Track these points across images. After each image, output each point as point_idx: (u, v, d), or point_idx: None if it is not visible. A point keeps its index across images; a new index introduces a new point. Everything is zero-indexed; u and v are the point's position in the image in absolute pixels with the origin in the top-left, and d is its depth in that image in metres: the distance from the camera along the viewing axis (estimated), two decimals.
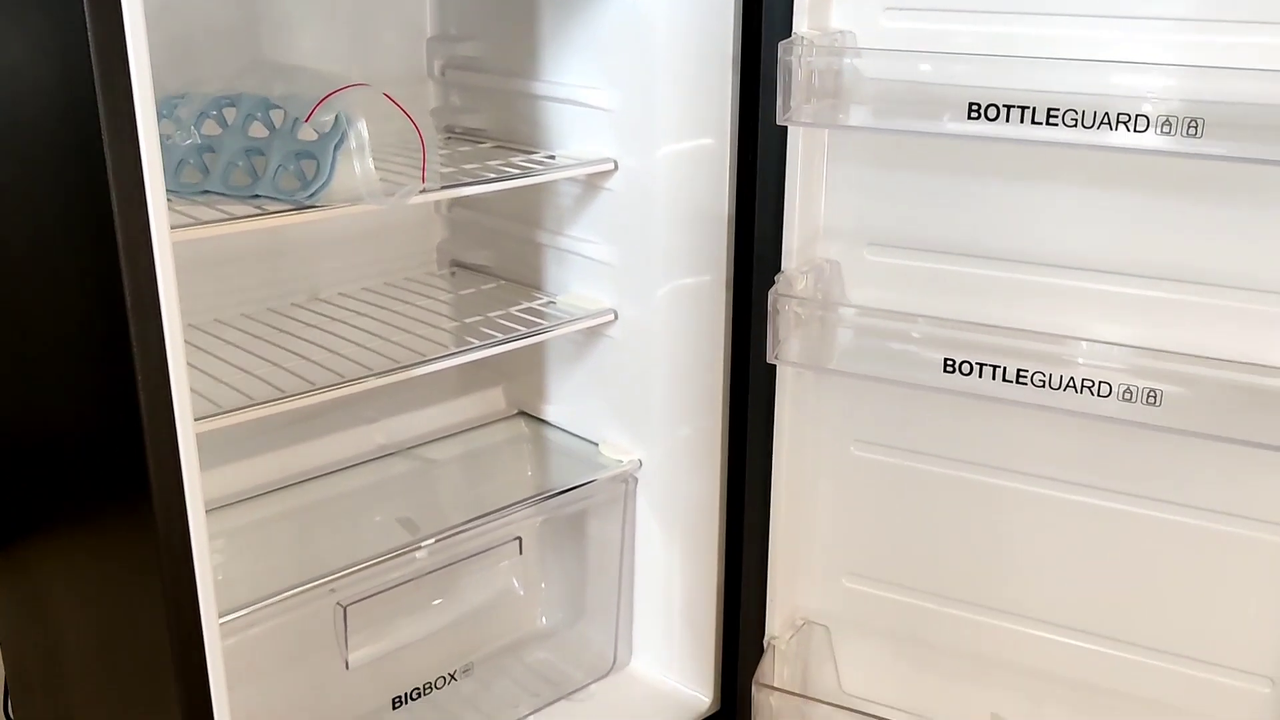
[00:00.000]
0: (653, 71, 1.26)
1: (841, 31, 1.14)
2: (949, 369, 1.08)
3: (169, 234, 0.87)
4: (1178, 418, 1.00)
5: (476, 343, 1.27)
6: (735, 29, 1.19)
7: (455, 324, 1.35)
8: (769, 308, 1.14)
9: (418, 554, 1.24)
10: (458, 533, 1.27)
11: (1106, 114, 0.95)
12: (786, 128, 1.14)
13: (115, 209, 0.84)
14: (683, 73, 1.24)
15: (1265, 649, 1.11)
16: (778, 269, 1.18)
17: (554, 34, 1.37)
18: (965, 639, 1.25)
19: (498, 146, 1.44)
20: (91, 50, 0.81)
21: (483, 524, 1.29)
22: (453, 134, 1.52)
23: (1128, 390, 1.01)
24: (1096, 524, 1.15)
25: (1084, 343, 1.04)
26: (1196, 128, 0.92)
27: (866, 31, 1.14)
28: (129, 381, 0.88)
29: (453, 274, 1.57)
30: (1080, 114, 0.96)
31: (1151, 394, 1.01)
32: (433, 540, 1.25)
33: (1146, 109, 0.93)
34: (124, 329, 0.87)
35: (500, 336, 1.29)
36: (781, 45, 1.08)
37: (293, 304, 1.41)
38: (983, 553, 1.22)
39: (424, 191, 1.16)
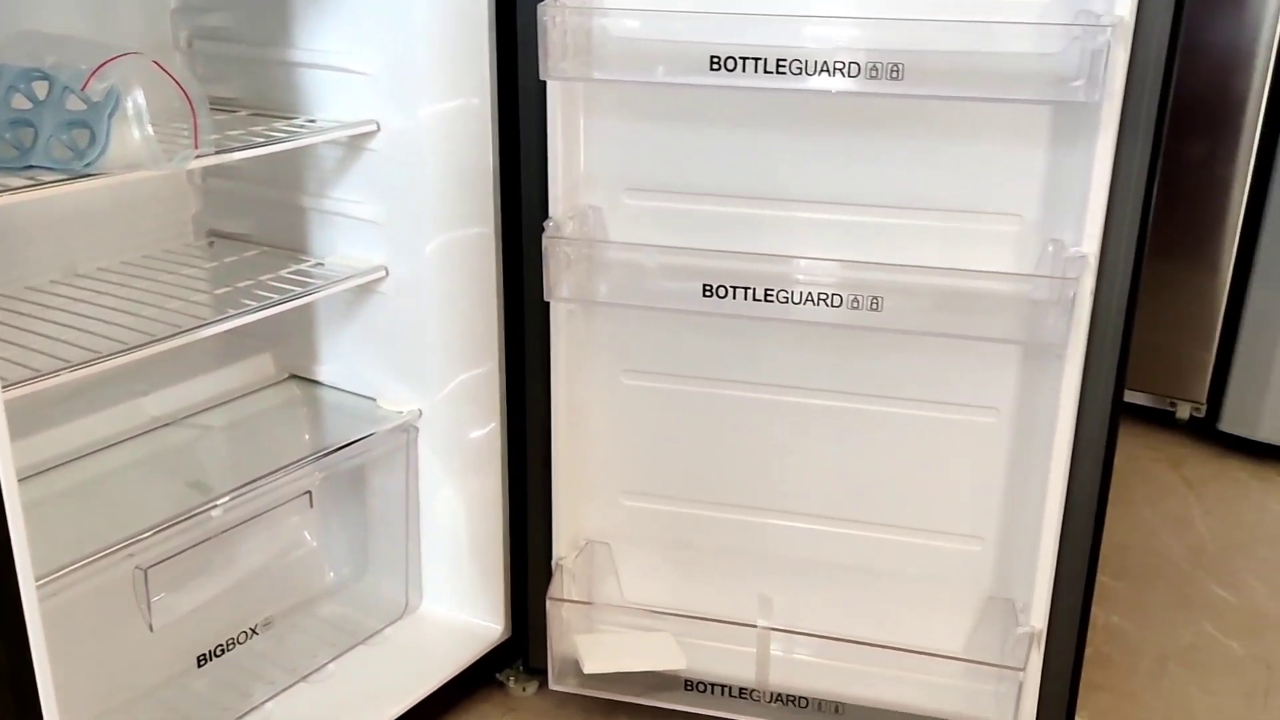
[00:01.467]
0: (411, 34, 1.33)
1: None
2: (707, 294, 1.22)
3: None
4: (895, 319, 1.18)
5: (246, 305, 1.30)
6: None
7: (221, 290, 1.37)
8: (543, 251, 1.25)
9: (212, 514, 1.27)
10: (246, 491, 1.30)
11: (826, 63, 1.11)
12: (545, 84, 1.25)
13: None
14: (442, 34, 1.31)
15: (975, 513, 1.33)
16: (545, 216, 1.29)
17: (306, 1, 1.41)
18: (731, 538, 1.41)
19: (254, 114, 1.46)
20: None
21: (270, 482, 1.33)
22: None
23: (855, 299, 1.19)
24: (836, 423, 1.33)
25: (820, 262, 1.21)
26: (898, 72, 1.10)
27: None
28: None
29: (210, 244, 1.57)
30: (804, 63, 1.12)
31: (874, 301, 1.18)
32: (226, 499, 1.28)
33: (860, 57, 1.10)
34: None
35: (266, 300, 1.32)
36: (540, 7, 1.18)
37: (52, 281, 1.39)
38: (742, 460, 1.38)
39: (200, 156, 1.19)
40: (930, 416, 1.31)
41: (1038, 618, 1.28)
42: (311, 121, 1.42)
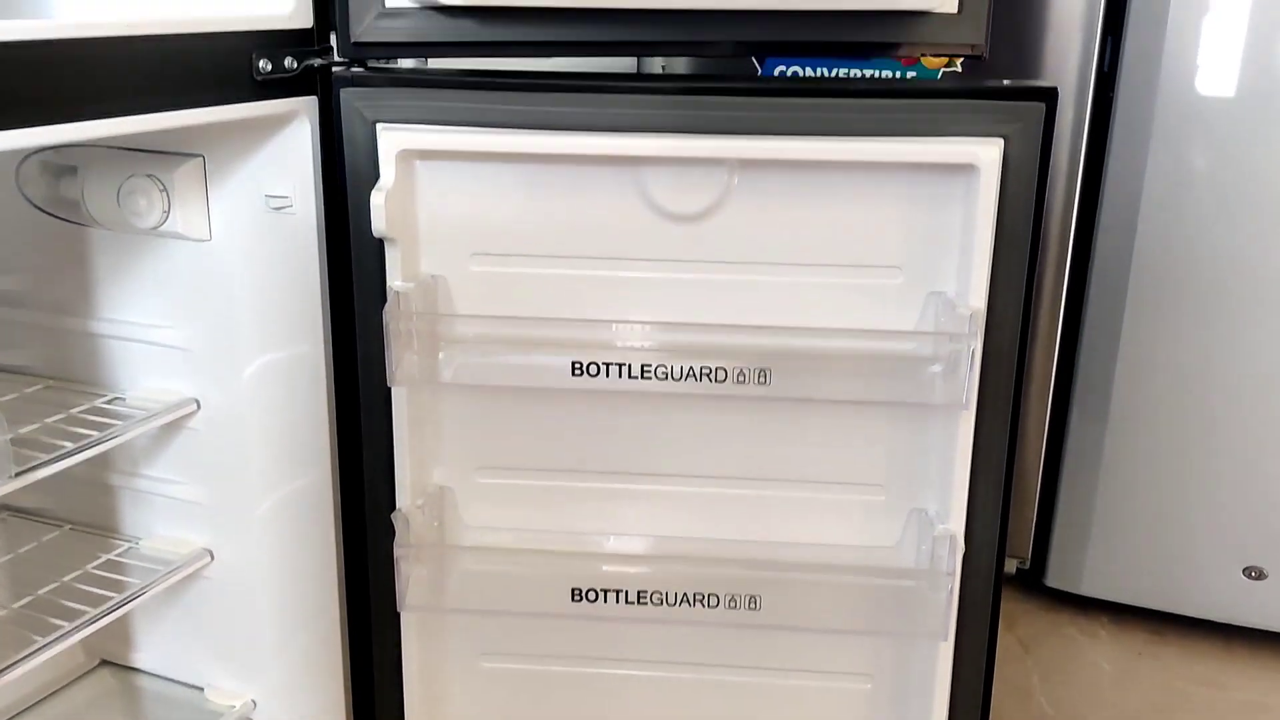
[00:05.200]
0: (233, 306, 1.22)
1: (434, 276, 1.18)
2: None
3: None
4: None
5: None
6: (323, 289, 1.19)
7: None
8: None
9: None
10: None
11: (692, 368, 1.07)
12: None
13: None
14: (266, 304, 1.22)
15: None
16: (392, 506, 1.19)
17: (109, 267, 1.28)
18: None
19: (50, 388, 1.32)
20: None
21: None
22: None
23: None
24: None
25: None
26: (765, 376, 1.07)
27: (456, 276, 1.19)
28: None
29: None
30: (669, 369, 1.08)
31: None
32: None
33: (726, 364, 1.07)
34: None
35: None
36: (386, 311, 1.10)
37: None
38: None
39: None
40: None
41: None
42: (120, 399, 1.29)
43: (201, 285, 1.23)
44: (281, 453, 1.26)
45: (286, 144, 1.16)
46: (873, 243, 1.14)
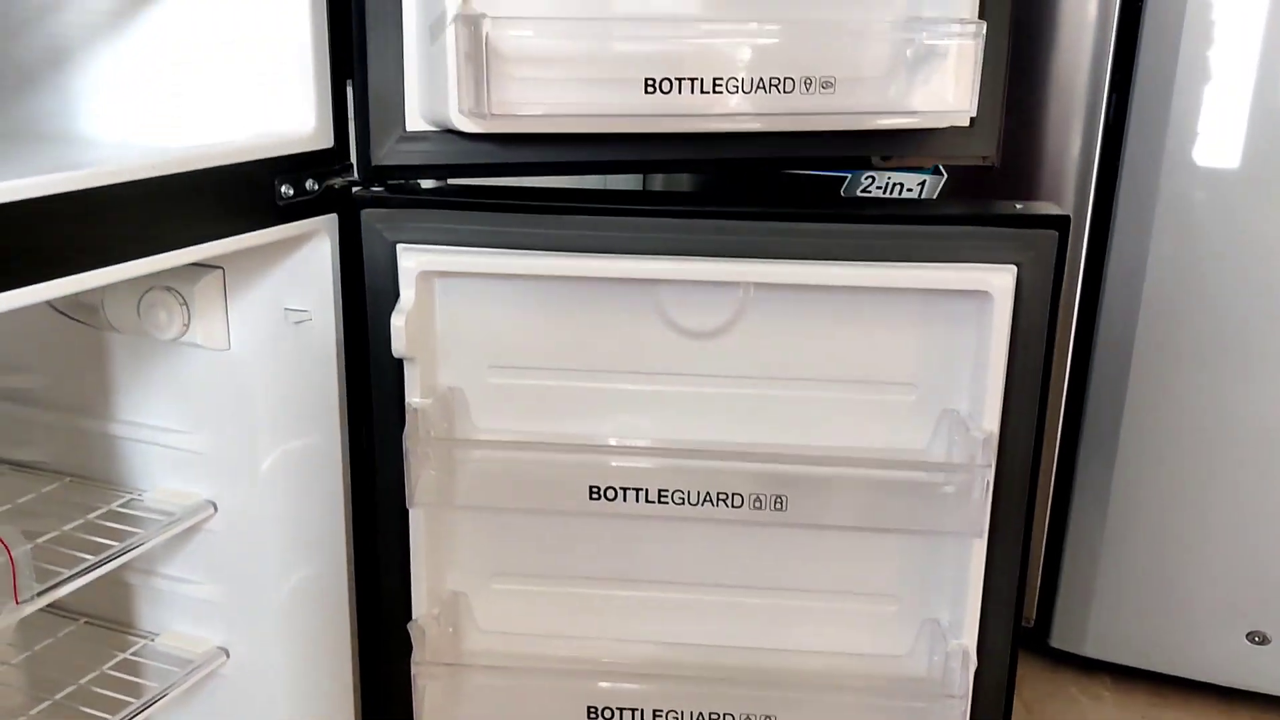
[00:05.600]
0: (254, 414, 1.23)
1: (452, 388, 1.19)
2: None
3: None
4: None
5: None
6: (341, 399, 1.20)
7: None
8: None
9: None
10: None
11: (709, 493, 1.08)
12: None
13: None
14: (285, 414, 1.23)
15: None
16: (408, 617, 1.20)
17: (128, 371, 1.29)
18: None
19: (66, 485, 1.33)
20: None
21: None
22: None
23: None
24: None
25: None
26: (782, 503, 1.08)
27: (474, 388, 1.20)
28: None
29: None
30: (686, 494, 1.09)
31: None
32: None
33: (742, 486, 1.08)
34: None
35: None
36: (406, 435, 1.11)
37: None
38: None
39: (23, 604, 1.06)
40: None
41: None
42: (138, 498, 1.30)
43: (219, 393, 1.24)
44: (298, 555, 1.27)
45: (307, 259, 1.17)
46: (886, 360, 1.16)
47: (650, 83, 1.05)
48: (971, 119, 1.14)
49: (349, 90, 1.12)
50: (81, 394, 1.32)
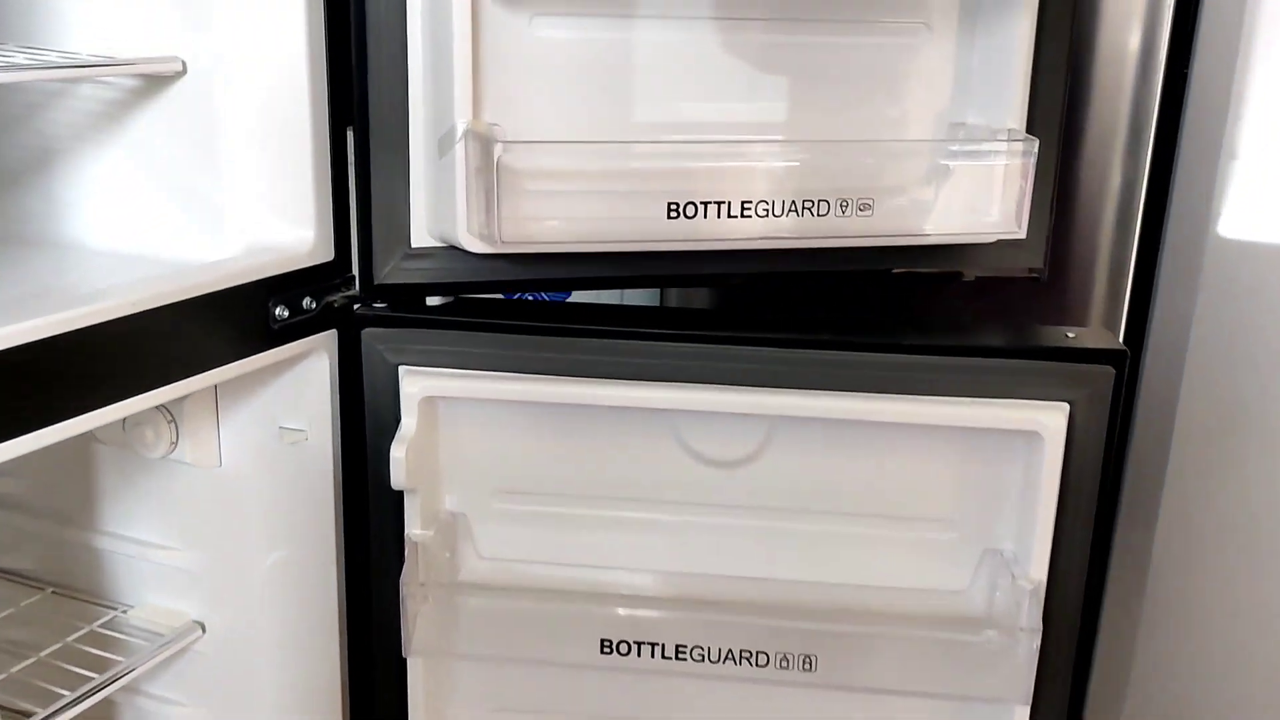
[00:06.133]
0: (244, 530, 1.16)
1: (454, 514, 1.12)
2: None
3: None
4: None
5: None
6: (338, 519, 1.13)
7: None
8: None
9: None
10: None
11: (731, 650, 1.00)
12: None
13: None
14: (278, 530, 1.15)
15: None
16: None
17: (115, 479, 1.22)
18: None
19: (50, 597, 1.26)
20: None
21: None
22: None
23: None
24: None
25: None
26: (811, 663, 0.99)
27: (478, 513, 1.12)
28: None
29: None
30: (706, 650, 1.00)
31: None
32: None
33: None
34: None
35: None
36: (403, 579, 1.03)
37: None
38: None
39: None
40: None
41: None
42: (121, 615, 1.22)
43: (210, 510, 1.17)
44: (291, 680, 1.19)
45: (304, 376, 1.09)
46: (923, 496, 1.07)
47: (674, 207, 0.97)
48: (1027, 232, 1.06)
49: (351, 200, 1.05)
50: (67, 503, 1.25)
